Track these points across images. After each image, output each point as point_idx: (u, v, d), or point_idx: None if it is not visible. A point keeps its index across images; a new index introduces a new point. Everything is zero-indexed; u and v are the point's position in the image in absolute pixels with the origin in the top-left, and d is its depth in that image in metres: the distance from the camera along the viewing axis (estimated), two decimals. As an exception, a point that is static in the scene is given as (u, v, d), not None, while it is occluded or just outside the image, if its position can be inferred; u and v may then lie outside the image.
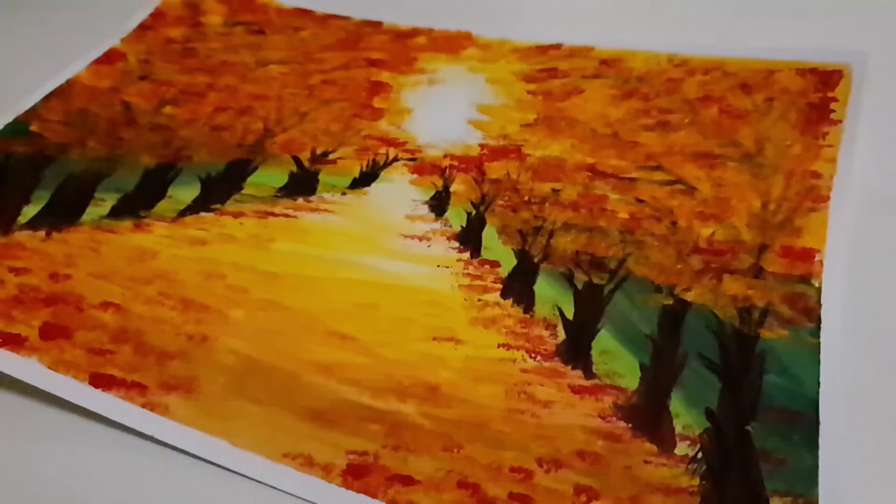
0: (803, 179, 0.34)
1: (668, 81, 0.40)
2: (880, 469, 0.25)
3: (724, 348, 0.29)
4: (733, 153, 0.36)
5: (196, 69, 0.43)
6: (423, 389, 0.28)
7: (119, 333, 0.30)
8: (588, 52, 0.42)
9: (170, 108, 0.40)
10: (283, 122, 0.40)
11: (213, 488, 0.26)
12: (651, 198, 0.34)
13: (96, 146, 0.38)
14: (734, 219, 0.33)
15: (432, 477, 0.26)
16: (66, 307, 0.31)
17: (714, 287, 0.31)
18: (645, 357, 0.29)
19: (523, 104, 0.40)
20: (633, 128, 0.38)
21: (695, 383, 0.28)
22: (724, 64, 0.40)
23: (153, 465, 0.27)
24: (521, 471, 0.26)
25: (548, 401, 0.28)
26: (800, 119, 0.37)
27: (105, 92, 0.41)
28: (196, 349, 0.30)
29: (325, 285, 0.32)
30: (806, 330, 0.29)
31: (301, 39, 0.45)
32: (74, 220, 0.34)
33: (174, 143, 0.38)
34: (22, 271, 0.32)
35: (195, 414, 0.28)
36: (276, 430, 0.27)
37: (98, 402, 0.28)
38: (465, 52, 0.43)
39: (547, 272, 0.32)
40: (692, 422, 0.27)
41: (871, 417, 0.26)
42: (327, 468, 0.26)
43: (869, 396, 0.27)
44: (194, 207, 0.35)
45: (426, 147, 0.38)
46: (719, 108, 0.38)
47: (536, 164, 0.36)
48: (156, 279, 0.32)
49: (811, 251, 0.31)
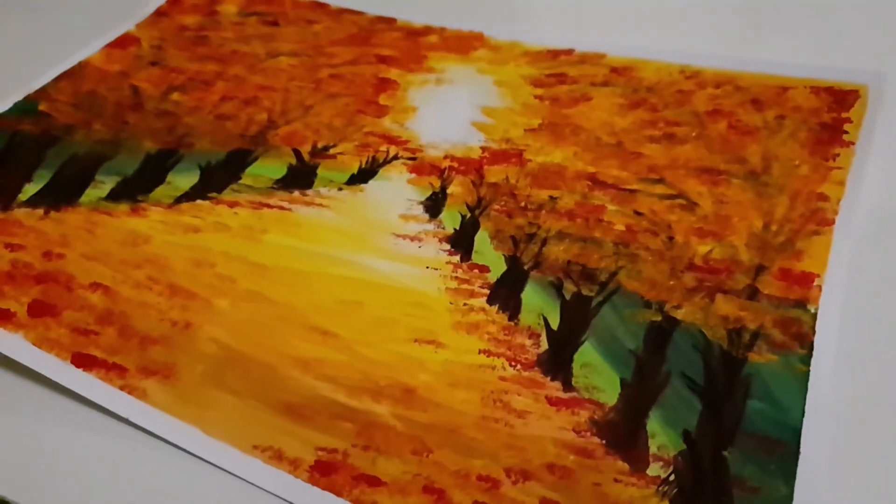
0: (809, 201, 0.33)
1: (678, 93, 0.39)
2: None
3: (709, 369, 0.28)
4: (738, 170, 0.35)
5: (207, 57, 0.43)
6: (399, 391, 0.28)
7: (105, 315, 0.30)
8: (599, 59, 0.41)
9: (177, 94, 0.41)
10: (287, 115, 0.40)
11: (184, 475, 0.26)
12: (650, 211, 0.34)
13: (101, 128, 0.39)
14: (733, 237, 0.32)
15: (398, 479, 0.26)
16: (56, 286, 0.31)
17: (705, 306, 0.30)
18: (627, 373, 0.28)
19: (529, 108, 0.39)
20: (639, 138, 0.37)
21: (675, 403, 0.27)
22: (737, 78, 0.39)
23: (127, 447, 0.27)
24: (489, 480, 0.25)
25: (523, 411, 0.27)
26: (810, 139, 0.36)
27: (115, 76, 0.42)
28: (178, 336, 0.30)
29: (311, 280, 0.32)
30: (796, 356, 0.28)
31: (314, 33, 0.45)
32: (73, 201, 0.35)
33: (178, 129, 0.39)
34: (17, 248, 0.33)
35: (171, 400, 0.28)
36: (249, 421, 0.27)
37: (78, 381, 0.28)
38: (475, 52, 0.43)
39: (536, 280, 0.31)
40: (668, 442, 0.26)
41: (853, 453, 0.25)
42: (296, 463, 0.26)
43: (853, 431, 0.26)
44: (191, 195, 0.35)
45: (427, 147, 0.38)
46: (728, 123, 0.37)
47: (536, 170, 0.36)
48: (146, 264, 0.32)
49: (810, 275, 0.31)
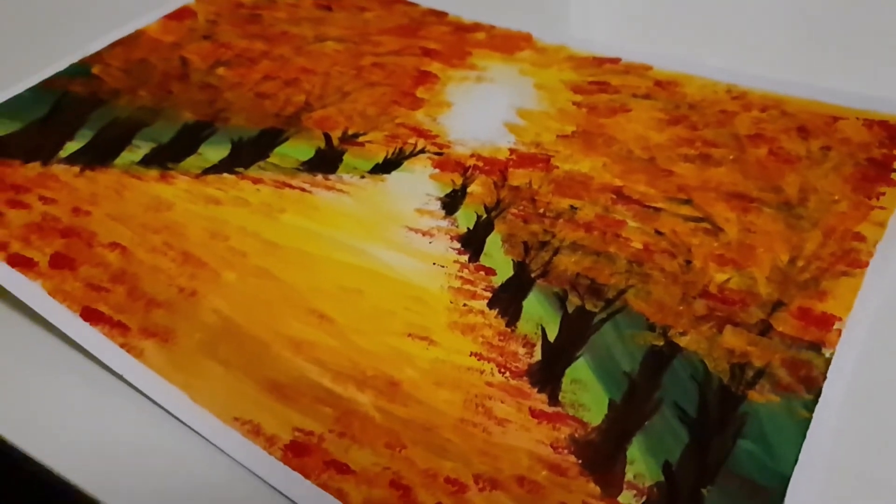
0: (843, 240, 0.31)
1: (721, 113, 0.37)
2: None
3: (703, 402, 0.27)
4: (772, 199, 0.33)
5: (256, 36, 0.44)
6: (384, 383, 0.28)
7: (118, 274, 0.31)
8: (644, 71, 0.40)
9: (222, 69, 0.42)
10: (324, 99, 0.40)
11: (165, 435, 0.27)
12: (671, 231, 0.33)
13: (146, 95, 0.40)
14: (754, 268, 0.31)
15: (368, 470, 0.26)
16: (78, 241, 0.33)
17: (712, 336, 0.29)
18: (617, 394, 0.27)
19: (565, 114, 0.39)
20: (672, 156, 0.36)
21: (661, 432, 0.26)
22: (785, 103, 0.37)
23: (116, 401, 0.28)
24: (457, 483, 0.25)
25: (504, 419, 0.27)
26: (855, 174, 0.34)
27: (168, 46, 0.43)
28: (183, 302, 0.31)
29: (318, 263, 0.32)
30: (800, 401, 0.27)
31: (364, 20, 0.46)
32: (108, 162, 0.36)
33: (218, 103, 0.40)
34: (50, 201, 0.34)
35: (165, 363, 0.29)
36: (235, 393, 0.28)
37: (82, 334, 0.29)
38: (520, 53, 0.42)
39: (541, 289, 0.31)
40: (646, 471, 0.25)
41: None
42: (272, 440, 0.27)
43: (846, 491, 0.24)
44: (219, 167, 0.36)
45: (455, 143, 0.37)
46: (769, 150, 0.35)
47: (561, 178, 0.35)
48: (164, 229, 0.33)
49: (831, 318, 0.29)
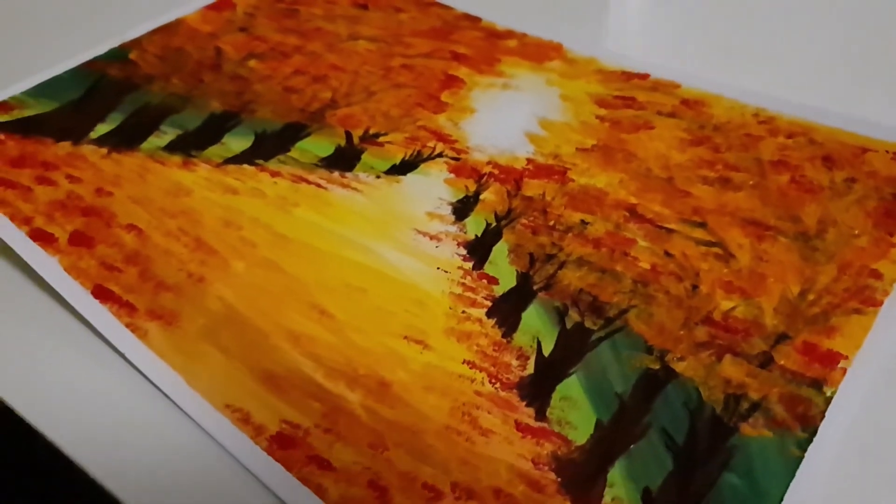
0: (859, 276, 0.30)
1: (746, 136, 0.36)
2: None
3: (693, 430, 0.26)
4: (789, 228, 0.32)
5: (291, 30, 0.45)
6: (375, 383, 0.28)
7: (132, 255, 0.33)
8: (672, 89, 0.39)
9: (254, 61, 0.43)
10: (350, 97, 0.41)
11: (157, 415, 0.28)
12: (681, 254, 0.32)
13: (178, 83, 0.41)
14: (763, 298, 0.30)
15: (349, 468, 0.26)
16: (98, 221, 0.34)
17: (710, 364, 0.28)
18: (606, 415, 0.27)
19: (587, 127, 0.38)
20: (692, 177, 0.35)
21: (645, 457, 0.26)
22: (813, 130, 0.36)
23: (115, 377, 0.29)
24: (434, 490, 0.25)
25: (488, 429, 0.27)
26: (879, 209, 0.32)
27: (205, 36, 0.45)
28: (190, 287, 0.31)
29: (326, 259, 0.33)
30: (793, 439, 0.26)
31: (398, 21, 0.46)
32: (134, 146, 0.38)
33: (246, 94, 0.41)
34: (76, 180, 0.36)
35: (167, 345, 0.29)
36: (230, 381, 0.28)
37: (91, 310, 0.30)
38: (549, 63, 0.42)
39: (541, 302, 0.31)
40: (624, 496, 0.25)
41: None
42: (259, 429, 0.27)
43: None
44: (240, 158, 0.37)
45: (474, 149, 0.37)
46: (791, 177, 0.34)
47: (576, 191, 0.35)
48: (181, 215, 0.34)
49: (837, 355, 0.28)
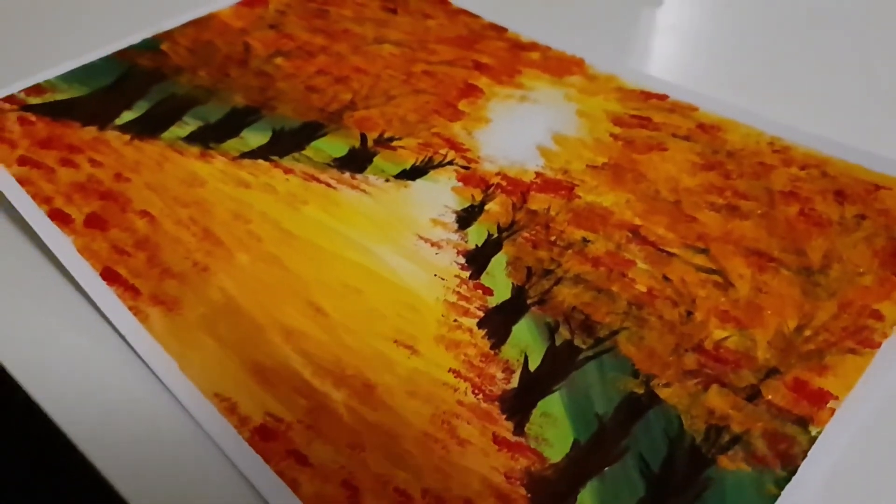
0: (859, 316, 0.30)
1: (759, 165, 0.36)
2: None
3: (670, 458, 0.26)
4: (792, 261, 0.32)
5: (319, 30, 0.46)
6: (360, 384, 0.29)
7: (142, 241, 0.34)
8: (689, 112, 0.39)
9: (281, 59, 0.44)
10: (369, 100, 0.41)
11: (148, 396, 0.29)
12: (680, 280, 0.32)
13: (204, 76, 0.42)
14: (757, 330, 0.30)
15: (325, 466, 0.27)
16: (113, 205, 0.35)
17: (695, 393, 0.28)
18: (584, 435, 0.27)
19: (600, 145, 0.38)
20: (699, 202, 0.35)
21: (618, 481, 0.26)
22: (827, 163, 0.35)
23: (113, 357, 0.30)
24: (404, 495, 0.26)
25: (465, 440, 0.27)
26: (887, 248, 0.32)
27: (235, 31, 0.46)
28: (194, 276, 0.32)
29: (326, 257, 0.33)
30: (771, 476, 0.26)
31: (425, 27, 0.47)
32: (157, 134, 0.39)
33: (269, 91, 0.42)
34: (98, 164, 0.37)
35: (165, 331, 0.31)
36: (221, 370, 0.29)
37: (97, 291, 0.32)
38: (570, 77, 0.42)
39: (533, 317, 0.31)
40: (592, 518, 0.25)
41: None
42: (244, 420, 0.28)
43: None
44: (256, 153, 0.38)
45: (484, 160, 0.38)
46: (800, 210, 0.34)
47: (581, 208, 0.35)
48: (193, 204, 0.35)
49: (827, 395, 0.28)
